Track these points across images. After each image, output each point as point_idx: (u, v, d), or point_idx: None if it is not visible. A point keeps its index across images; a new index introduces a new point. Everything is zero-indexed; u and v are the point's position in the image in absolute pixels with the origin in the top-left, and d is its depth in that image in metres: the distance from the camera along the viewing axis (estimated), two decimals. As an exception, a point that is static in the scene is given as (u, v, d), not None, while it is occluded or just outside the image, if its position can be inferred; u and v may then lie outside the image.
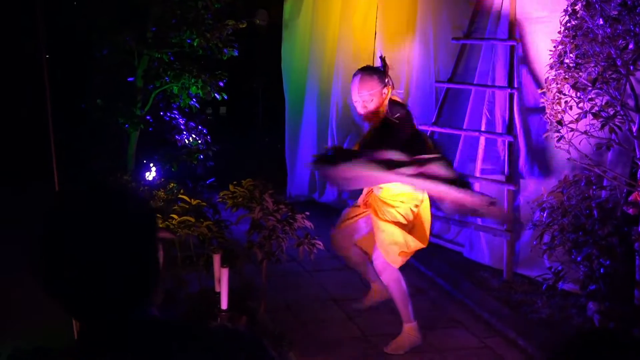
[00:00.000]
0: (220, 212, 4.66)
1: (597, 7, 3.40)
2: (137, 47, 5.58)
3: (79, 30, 5.73)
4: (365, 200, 3.88)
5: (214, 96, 5.89)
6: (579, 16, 3.55)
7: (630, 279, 3.57)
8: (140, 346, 1.08)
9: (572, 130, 3.71)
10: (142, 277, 1.10)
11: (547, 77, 3.85)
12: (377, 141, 3.52)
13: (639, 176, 3.62)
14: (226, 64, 5.99)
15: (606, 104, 3.53)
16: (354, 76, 3.62)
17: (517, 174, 4.71)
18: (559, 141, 3.79)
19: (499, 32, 4.86)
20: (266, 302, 4.00)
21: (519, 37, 4.70)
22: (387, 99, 3.58)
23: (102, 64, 5.83)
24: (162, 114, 6.34)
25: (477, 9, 5.05)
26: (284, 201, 3.83)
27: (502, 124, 4.77)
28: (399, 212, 3.63)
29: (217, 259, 3.28)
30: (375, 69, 3.66)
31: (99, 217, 1.07)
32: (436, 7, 5.54)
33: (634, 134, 3.52)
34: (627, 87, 3.50)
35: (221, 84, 5.88)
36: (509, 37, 4.72)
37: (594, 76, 3.47)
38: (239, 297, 3.75)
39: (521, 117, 4.69)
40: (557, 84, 3.73)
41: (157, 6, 5.52)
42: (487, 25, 4.99)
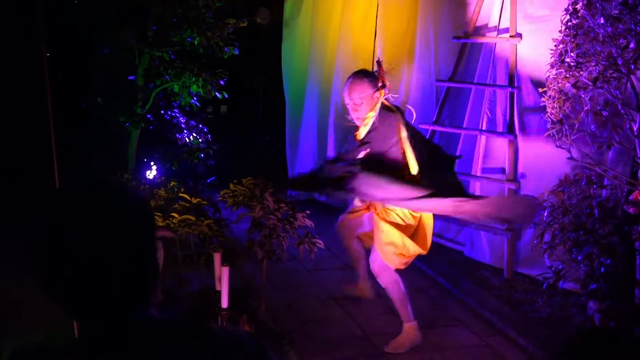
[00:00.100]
0: (220, 210, 4.67)
1: (598, 6, 3.40)
2: (137, 45, 5.58)
3: (79, 28, 5.72)
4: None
5: (215, 95, 5.89)
6: (580, 15, 3.55)
7: (630, 278, 3.57)
8: (140, 346, 1.08)
9: (573, 129, 3.71)
10: (141, 277, 1.10)
11: (548, 76, 3.85)
12: (360, 149, 3.68)
13: (639, 175, 3.62)
14: (227, 63, 5.99)
15: (607, 103, 3.53)
16: (347, 79, 3.65)
17: (518, 173, 4.72)
18: (559, 140, 3.79)
19: (499, 30, 4.86)
20: (267, 300, 4.00)
21: (520, 36, 4.70)
22: (379, 103, 3.58)
23: (102, 63, 5.83)
24: (162, 112, 6.33)
25: (478, 8, 5.05)
26: (284, 200, 3.83)
27: (503, 123, 4.77)
28: (397, 213, 3.64)
29: (217, 258, 3.28)
30: (367, 73, 3.66)
31: (98, 216, 1.07)
32: (437, 6, 5.54)
33: (635, 133, 3.52)
34: (628, 86, 3.50)
35: (222, 83, 5.87)
36: (510, 36, 4.72)
37: (594, 75, 3.47)
38: (239, 296, 3.76)
39: (522, 116, 4.69)
40: (558, 82, 3.73)
41: (157, 5, 5.52)
42: (488, 24, 5.00)
